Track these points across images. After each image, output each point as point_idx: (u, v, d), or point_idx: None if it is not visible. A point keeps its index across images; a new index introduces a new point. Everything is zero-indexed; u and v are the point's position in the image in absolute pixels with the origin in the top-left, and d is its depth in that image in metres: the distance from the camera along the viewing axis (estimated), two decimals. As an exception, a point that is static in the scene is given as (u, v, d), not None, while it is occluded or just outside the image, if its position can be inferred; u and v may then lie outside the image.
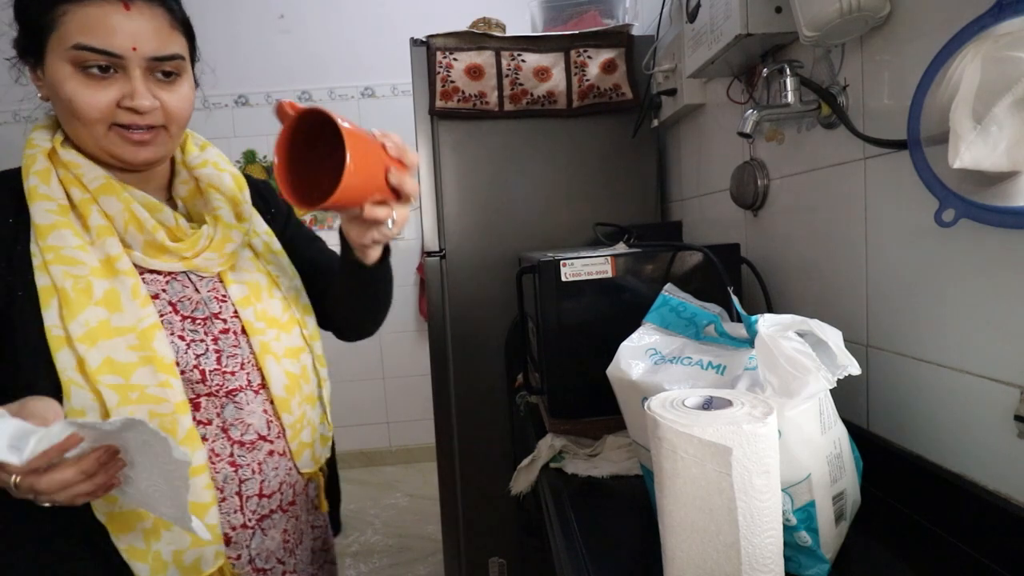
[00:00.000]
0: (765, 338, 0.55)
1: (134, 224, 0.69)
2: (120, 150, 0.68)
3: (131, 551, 0.66)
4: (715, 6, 0.94)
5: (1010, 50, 0.51)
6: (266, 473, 0.77)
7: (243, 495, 0.74)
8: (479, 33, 1.53)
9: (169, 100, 0.69)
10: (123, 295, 0.67)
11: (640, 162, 1.61)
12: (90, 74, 0.65)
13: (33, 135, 0.71)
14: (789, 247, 0.99)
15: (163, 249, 0.71)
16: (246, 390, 0.75)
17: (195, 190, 0.79)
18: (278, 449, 0.79)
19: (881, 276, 0.77)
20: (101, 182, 0.69)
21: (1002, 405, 0.59)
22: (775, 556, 0.48)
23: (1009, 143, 0.52)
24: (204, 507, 0.68)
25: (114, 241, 0.68)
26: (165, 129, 0.71)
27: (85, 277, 0.65)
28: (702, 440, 0.46)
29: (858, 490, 0.65)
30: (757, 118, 0.87)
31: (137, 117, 0.67)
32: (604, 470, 0.84)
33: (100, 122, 0.66)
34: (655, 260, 0.97)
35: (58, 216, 0.67)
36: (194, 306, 0.74)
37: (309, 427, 0.82)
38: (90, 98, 0.65)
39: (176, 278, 0.74)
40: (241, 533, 0.75)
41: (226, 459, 0.73)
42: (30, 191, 0.67)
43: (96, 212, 0.68)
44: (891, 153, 0.73)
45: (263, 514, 0.77)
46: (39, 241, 0.65)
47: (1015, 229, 0.55)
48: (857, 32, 0.74)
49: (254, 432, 0.75)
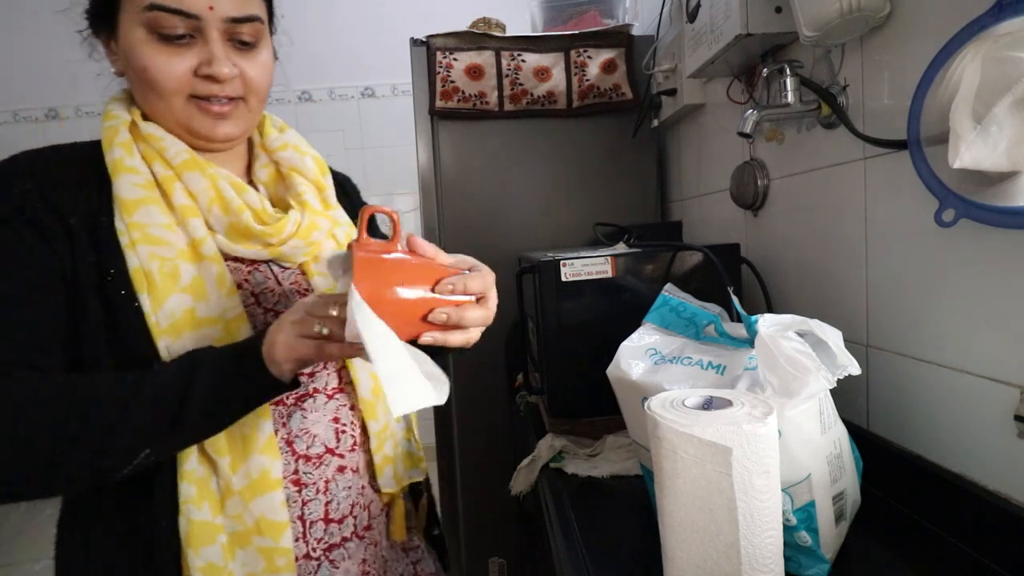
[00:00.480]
0: (765, 338, 0.55)
1: (219, 204, 0.64)
2: (198, 124, 0.64)
3: (208, 570, 0.59)
4: (715, 6, 0.94)
5: (1010, 50, 0.51)
6: (333, 493, 0.69)
7: (305, 520, 0.66)
8: (479, 33, 1.53)
9: (249, 69, 0.64)
10: (208, 283, 0.62)
11: (640, 162, 1.61)
12: (166, 40, 0.60)
13: (110, 107, 0.66)
14: (789, 247, 0.99)
15: (248, 234, 0.65)
16: (319, 394, 0.69)
17: (276, 174, 0.73)
18: (350, 465, 0.70)
19: (881, 276, 0.77)
20: (185, 158, 0.64)
21: (1002, 405, 0.59)
22: (775, 556, 0.48)
23: (1009, 143, 0.52)
24: (281, 528, 0.62)
25: (199, 223, 0.63)
26: (244, 101, 0.66)
27: (172, 260, 0.60)
28: (702, 440, 0.46)
29: (858, 490, 0.65)
30: (757, 118, 0.87)
31: (216, 87, 0.63)
32: (604, 470, 0.84)
33: (177, 93, 0.62)
34: (655, 260, 0.97)
35: (145, 191, 0.62)
36: (276, 299, 0.69)
37: (392, 439, 0.75)
38: (166, 66, 0.61)
39: (259, 268, 0.69)
40: (304, 565, 0.66)
41: (289, 477, 0.65)
42: (115, 163, 0.62)
43: (180, 190, 0.63)
44: (891, 153, 0.73)
45: (331, 543, 0.68)
46: (124, 217, 0.60)
47: (1015, 229, 0.55)
48: (857, 32, 0.74)
49: (320, 444, 0.68)
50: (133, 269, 0.59)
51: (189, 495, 0.59)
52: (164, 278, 0.60)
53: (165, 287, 0.60)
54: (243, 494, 0.61)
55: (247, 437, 0.62)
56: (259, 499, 0.61)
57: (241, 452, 0.62)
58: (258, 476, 0.61)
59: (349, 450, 0.71)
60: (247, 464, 0.61)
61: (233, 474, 0.61)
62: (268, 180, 0.73)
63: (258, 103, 0.68)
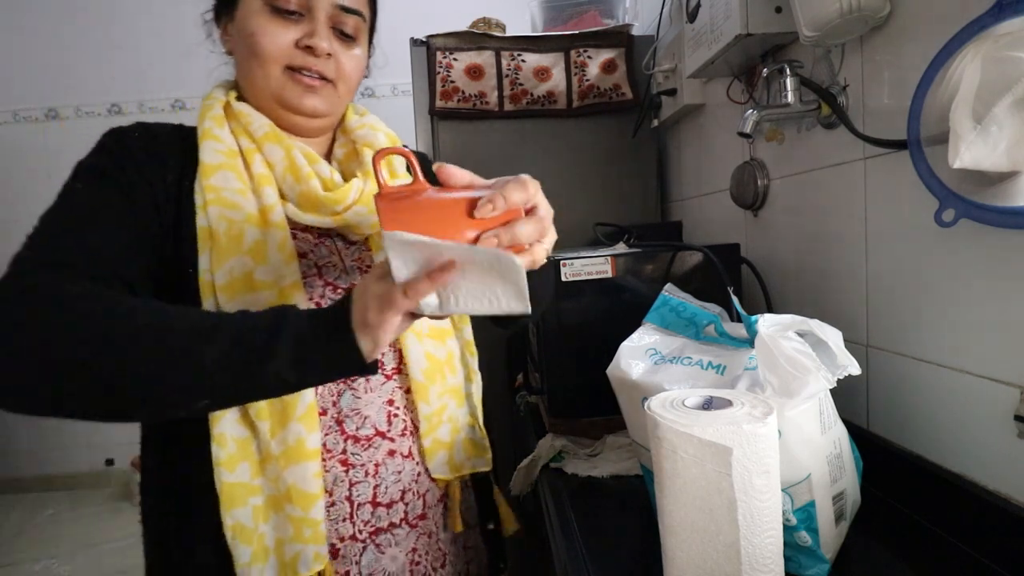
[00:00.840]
0: (765, 338, 0.55)
1: (292, 173, 0.68)
2: (289, 93, 0.68)
3: (238, 530, 0.61)
4: (715, 6, 0.94)
5: (1010, 50, 0.51)
6: (383, 477, 0.69)
7: (353, 501, 0.67)
8: (479, 33, 1.53)
9: (343, 58, 0.70)
10: (270, 247, 0.65)
11: (640, 162, 1.61)
12: (278, 12, 0.67)
13: (212, 91, 0.73)
14: (789, 247, 0.99)
15: (316, 203, 0.68)
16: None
17: (351, 152, 0.77)
18: (401, 450, 0.70)
19: (881, 276, 0.77)
20: (267, 130, 0.69)
21: (1002, 405, 0.59)
22: (775, 556, 0.48)
23: (1009, 143, 0.52)
24: (311, 499, 0.62)
25: (272, 191, 0.67)
26: (334, 85, 0.71)
27: (239, 223, 0.64)
28: (702, 440, 0.46)
29: (858, 490, 0.65)
30: (757, 118, 0.87)
31: (312, 60, 0.68)
32: (604, 470, 0.84)
33: (276, 61, 0.67)
34: (655, 260, 0.97)
35: (226, 158, 0.67)
36: (338, 274, 0.70)
37: (449, 424, 0.74)
38: (272, 34, 0.66)
39: (324, 243, 0.71)
40: (350, 546, 0.67)
41: (337, 456, 0.66)
42: (204, 131, 0.67)
43: (259, 160, 0.68)
44: (891, 153, 0.73)
45: (378, 527, 0.68)
46: (203, 179, 0.65)
47: (1015, 229, 0.55)
48: (857, 32, 0.74)
49: (371, 426, 0.68)
50: (201, 229, 0.63)
51: (219, 457, 0.61)
52: (229, 239, 0.63)
53: (229, 247, 0.62)
54: (279, 460, 0.63)
55: (287, 404, 0.63)
56: (293, 467, 0.62)
57: (280, 419, 0.63)
58: (294, 444, 0.62)
59: (400, 435, 0.70)
60: (285, 431, 0.63)
61: (272, 439, 0.63)
62: (343, 158, 0.77)
63: (347, 91, 0.73)
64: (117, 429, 3.08)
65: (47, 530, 2.68)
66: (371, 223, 0.72)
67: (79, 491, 3.06)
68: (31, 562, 2.40)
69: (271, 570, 0.63)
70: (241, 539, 0.61)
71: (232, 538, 0.61)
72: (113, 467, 3.13)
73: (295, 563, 0.63)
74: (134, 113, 3.02)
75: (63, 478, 3.11)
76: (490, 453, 0.79)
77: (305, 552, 0.63)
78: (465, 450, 0.76)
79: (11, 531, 2.68)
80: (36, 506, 2.93)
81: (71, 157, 0.64)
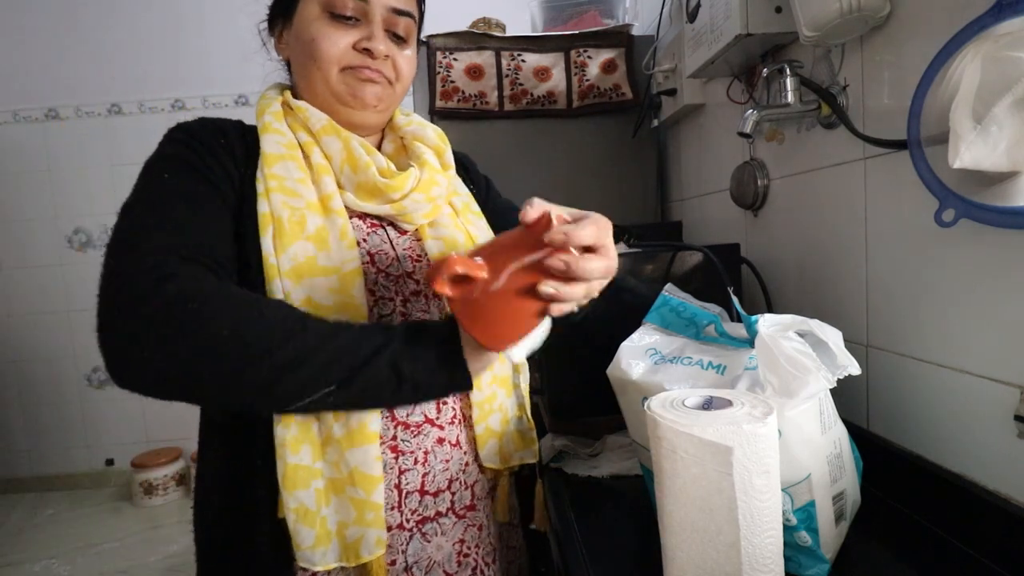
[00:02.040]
0: (765, 338, 0.55)
1: (350, 163, 0.70)
2: (348, 88, 0.71)
3: (301, 512, 0.61)
4: (715, 6, 0.94)
5: (1010, 50, 0.51)
6: (432, 465, 0.69)
7: (402, 490, 0.67)
8: (479, 33, 1.53)
9: (399, 59, 0.73)
10: (332, 234, 0.67)
11: (640, 162, 1.61)
12: (335, 19, 0.69)
13: (265, 92, 0.76)
14: (789, 247, 0.99)
15: (374, 190, 0.70)
16: None
17: (400, 147, 0.79)
18: (450, 438, 0.71)
19: (881, 276, 0.77)
20: (324, 124, 0.71)
21: (1002, 405, 0.59)
22: (775, 556, 0.48)
23: (1009, 143, 0.52)
24: (374, 481, 0.63)
25: (330, 180, 0.69)
26: (391, 84, 0.73)
27: (301, 210, 0.66)
28: (702, 440, 0.46)
29: (858, 490, 0.65)
30: (757, 118, 0.87)
31: (370, 60, 0.70)
32: (604, 470, 0.84)
33: (335, 62, 0.70)
34: (655, 260, 0.97)
35: (286, 149, 0.69)
36: (389, 262, 0.72)
37: (500, 413, 0.74)
38: (331, 38, 0.69)
39: (376, 232, 0.73)
40: (397, 535, 0.67)
41: (388, 442, 0.67)
42: (264, 125, 0.70)
43: (318, 152, 0.70)
44: (891, 153, 0.73)
45: (425, 516, 0.69)
46: (265, 168, 0.67)
47: (1015, 229, 0.55)
48: (857, 32, 0.74)
49: (421, 413, 0.69)
50: (262, 214, 0.64)
51: (284, 439, 0.61)
52: (292, 225, 0.65)
53: (292, 233, 0.64)
54: (341, 442, 0.63)
55: None
56: (355, 450, 0.63)
57: None
58: (356, 427, 0.63)
59: (449, 422, 0.71)
60: (348, 415, 0.63)
61: (335, 422, 0.63)
62: (393, 152, 0.79)
63: (402, 89, 0.76)
64: (117, 429, 3.09)
65: (47, 530, 2.67)
66: (424, 212, 0.74)
67: (79, 491, 3.05)
68: (31, 562, 2.40)
69: (333, 553, 0.63)
70: (304, 522, 0.61)
71: (295, 521, 0.61)
72: (113, 467, 3.13)
73: (357, 546, 0.63)
74: (134, 113, 3.02)
75: (63, 478, 3.11)
76: (537, 444, 0.80)
77: (367, 535, 0.63)
78: (514, 441, 0.77)
79: (11, 531, 2.68)
80: (36, 506, 2.93)
81: (71, 157, 0.64)
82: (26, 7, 2.95)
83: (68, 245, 3.05)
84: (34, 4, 2.96)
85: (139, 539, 2.53)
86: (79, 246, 3.05)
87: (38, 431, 3.11)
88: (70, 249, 3.05)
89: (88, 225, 3.04)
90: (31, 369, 3.09)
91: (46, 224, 3.03)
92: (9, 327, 3.08)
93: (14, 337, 3.08)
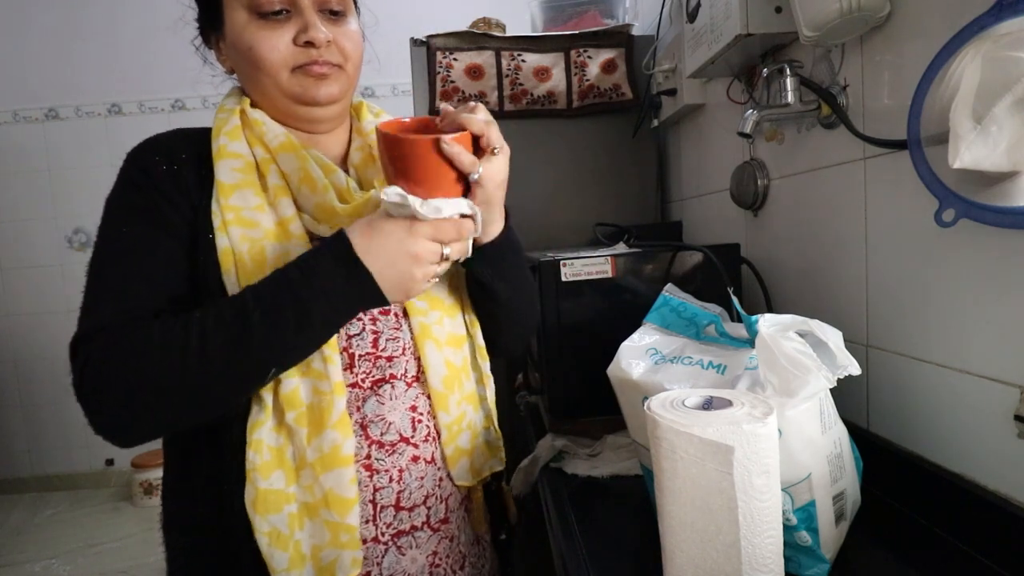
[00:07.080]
0: (765, 338, 0.55)
1: (307, 184, 0.68)
2: (302, 89, 0.69)
3: (274, 536, 0.61)
4: (715, 6, 0.94)
5: (1010, 50, 0.51)
6: (407, 482, 0.69)
7: (376, 504, 0.67)
8: (479, 33, 1.53)
9: (342, 39, 0.70)
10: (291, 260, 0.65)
11: (640, 162, 1.61)
12: (265, 18, 0.67)
13: (223, 102, 0.73)
14: (789, 247, 0.99)
15: (332, 213, 0.68)
16: (398, 380, 0.69)
17: (368, 157, 0.77)
18: (424, 455, 0.71)
19: (881, 276, 0.77)
20: (281, 140, 0.69)
21: (1002, 405, 0.59)
22: (775, 556, 0.48)
23: (1009, 143, 0.52)
24: (348, 504, 0.63)
25: (288, 202, 0.68)
26: (342, 68, 0.71)
27: (259, 241, 0.65)
28: (702, 440, 0.46)
29: (858, 490, 0.65)
30: (757, 118, 0.87)
31: (315, 53, 0.68)
32: (604, 470, 0.84)
33: (282, 66, 0.68)
34: (655, 260, 0.97)
35: (242, 175, 0.67)
36: None
37: (469, 431, 0.74)
38: (269, 41, 0.67)
39: None
40: (372, 548, 0.67)
41: (361, 460, 0.67)
42: (219, 150, 0.68)
43: (274, 171, 0.69)
44: (891, 153, 0.73)
45: (401, 529, 0.69)
46: (221, 199, 0.66)
47: (1015, 229, 0.55)
48: (857, 32, 0.74)
49: (395, 432, 0.69)
50: (223, 250, 0.64)
51: (255, 463, 0.62)
52: (252, 258, 0.64)
53: (254, 267, 0.64)
54: (315, 466, 0.63)
55: (323, 411, 0.64)
56: (329, 473, 0.63)
57: (317, 426, 0.64)
58: (330, 451, 0.63)
59: (424, 440, 0.71)
60: (321, 438, 0.63)
61: (308, 446, 0.63)
62: (360, 163, 0.77)
63: (354, 69, 0.73)
64: (117, 429, 3.09)
65: (47, 530, 2.68)
66: None
67: (79, 491, 3.06)
68: (31, 562, 2.40)
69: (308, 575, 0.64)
70: (277, 545, 0.62)
71: (268, 544, 0.61)
72: (113, 467, 3.13)
73: (332, 568, 0.63)
74: (134, 113, 3.02)
75: (63, 478, 3.11)
76: (503, 451, 0.80)
77: (342, 557, 0.63)
78: (483, 454, 0.77)
79: (11, 531, 2.68)
80: (36, 506, 2.93)
81: (71, 157, 0.64)
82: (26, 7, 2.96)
83: (68, 245, 3.06)
84: (35, 4, 2.96)
85: (139, 539, 2.53)
86: (79, 246, 3.05)
87: (38, 431, 3.12)
88: (70, 249, 3.06)
89: (88, 225, 3.04)
90: (31, 369, 3.09)
91: (46, 224, 3.03)
92: (9, 327, 3.08)
93: (14, 337, 3.08)
